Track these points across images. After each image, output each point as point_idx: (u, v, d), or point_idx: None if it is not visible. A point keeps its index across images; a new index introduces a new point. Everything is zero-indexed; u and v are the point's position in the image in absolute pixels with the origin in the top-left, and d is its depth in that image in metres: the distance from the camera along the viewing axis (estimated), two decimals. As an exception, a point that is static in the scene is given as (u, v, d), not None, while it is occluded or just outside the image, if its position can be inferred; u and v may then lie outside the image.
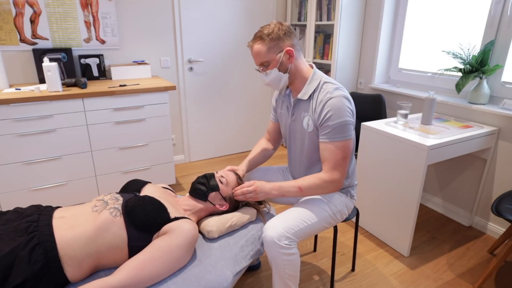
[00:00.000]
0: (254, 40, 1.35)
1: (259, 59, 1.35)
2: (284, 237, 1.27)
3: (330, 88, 1.34)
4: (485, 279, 1.71)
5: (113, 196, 1.25)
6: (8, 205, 2.18)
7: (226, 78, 3.31)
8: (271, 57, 1.33)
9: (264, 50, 1.32)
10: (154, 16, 2.79)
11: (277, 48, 1.32)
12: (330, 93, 1.32)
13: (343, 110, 1.29)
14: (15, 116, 2.04)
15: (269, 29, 1.31)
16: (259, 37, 1.32)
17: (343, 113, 1.29)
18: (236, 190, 1.39)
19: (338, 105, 1.29)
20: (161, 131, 2.54)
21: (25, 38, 2.40)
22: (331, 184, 1.33)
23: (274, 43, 1.31)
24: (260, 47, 1.32)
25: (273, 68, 1.35)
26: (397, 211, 1.98)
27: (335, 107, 1.29)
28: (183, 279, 1.13)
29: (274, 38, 1.31)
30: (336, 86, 1.35)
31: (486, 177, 2.19)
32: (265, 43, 1.31)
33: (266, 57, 1.33)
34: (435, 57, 2.51)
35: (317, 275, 1.86)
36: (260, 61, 1.35)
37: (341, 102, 1.29)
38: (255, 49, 1.34)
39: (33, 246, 1.02)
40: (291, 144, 1.56)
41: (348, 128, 1.31)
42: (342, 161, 1.32)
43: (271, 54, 1.33)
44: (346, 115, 1.30)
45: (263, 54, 1.33)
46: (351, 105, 1.33)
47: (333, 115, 1.29)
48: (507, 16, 2.02)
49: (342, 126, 1.30)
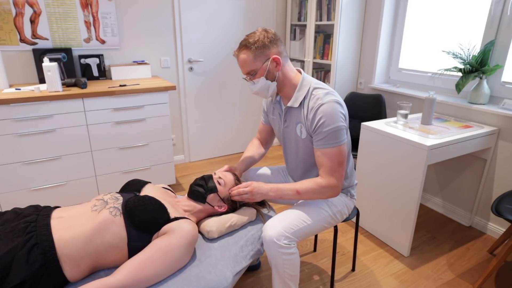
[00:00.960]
0: (239, 49, 1.32)
1: (245, 68, 1.32)
2: (283, 237, 1.27)
3: (320, 94, 1.32)
4: (485, 279, 1.71)
5: (113, 195, 1.25)
6: (8, 205, 2.18)
7: (226, 78, 3.31)
8: (258, 65, 1.31)
9: (250, 58, 1.29)
10: (154, 16, 2.79)
11: (263, 57, 1.30)
12: (321, 99, 1.30)
13: (335, 115, 1.28)
14: (15, 116, 2.04)
15: (254, 37, 1.29)
16: (244, 46, 1.30)
17: (335, 118, 1.27)
18: (232, 190, 1.39)
19: (330, 111, 1.27)
20: (161, 131, 2.54)
21: (25, 38, 2.40)
22: (328, 189, 1.32)
23: (260, 51, 1.29)
24: (245, 56, 1.30)
25: (260, 76, 1.32)
26: (397, 211, 1.98)
27: (327, 113, 1.27)
28: (183, 279, 1.13)
29: (260, 47, 1.28)
30: (326, 91, 1.33)
31: (486, 177, 2.19)
32: (251, 51, 1.28)
33: (252, 66, 1.31)
34: (435, 57, 2.51)
35: (317, 275, 1.85)
36: (247, 70, 1.32)
37: (332, 108, 1.28)
38: (241, 58, 1.32)
39: (31, 247, 1.02)
40: (286, 148, 1.56)
41: (341, 133, 1.29)
42: (338, 167, 1.31)
43: (257, 62, 1.30)
44: (339, 120, 1.28)
45: (249, 63, 1.30)
46: (343, 110, 1.31)
47: (325, 122, 1.28)
48: (507, 16, 2.02)
49: (336, 132, 1.28)
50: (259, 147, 1.69)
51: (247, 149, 1.68)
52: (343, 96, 3.01)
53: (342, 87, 3.00)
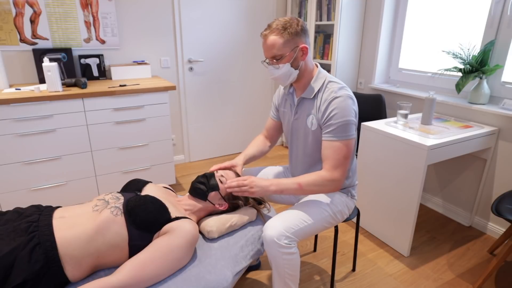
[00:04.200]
0: (270, 31, 1.28)
1: (272, 51, 1.30)
2: (283, 236, 1.27)
3: (334, 87, 1.34)
4: (485, 279, 1.71)
5: (114, 195, 1.25)
6: (8, 205, 2.17)
7: (226, 78, 3.31)
8: (286, 51, 1.29)
9: (280, 42, 1.28)
10: (154, 16, 2.79)
11: (293, 43, 1.29)
12: (335, 92, 1.32)
13: (348, 109, 1.30)
14: (15, 116, 2.04)
15: (287, 23, 1.27)
16: (276, 29, 1.27)
17: (347, 112, 1.29)
18: (232, 182, 1.34)
19: (342, 105, 1.30)
20: (161, 131, 2.54)
21: (25, 38, 2.40)
22: (332, 182, 1.32)
23: (291, 38, 1.28)
24: (276, 39, 1.27)
25: (286, 62, 1.31)
26: (397, 211, 1.98)
27: (340, 106, 1.30)
28: (183, 279, 1.13)
29: (292, 33, 1.27)
30: (341, 85, 1.35)
31: (486, 177, 2.19)
32: (283, 36, 1.27)
33: (280, 50, 1.29)
34: (435, 57, 2.51)
35: (317, 275, 1.86)
36: (274, 53, 1.30)
37: (345, 102, 1.30)
38: (270, 40, 1.28)
39: (33, 246, 1.02)
40: (293, 142, 1.56)
41: (351, 128, 1.31)
42: (344, 160, 1.32)
43: (286, 48, 1.29)
44: (350, 114, 1.30)
45: (278, 46, 1.28)
46: (355, 106, 1.34)
47: (337, 114, 1.30)
48: (507, 16, 2.02)
49: (346, 125, 1.30)
50: (264, 144, 1.68)
51: (250, 144, 1.67)
52: (343, 96, 3.01)
53: (342, 87, 3.00)
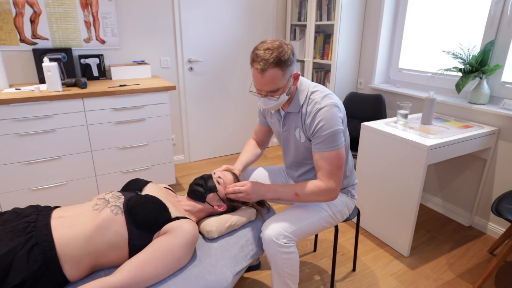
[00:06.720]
0: (266, 65, 1.17)
1: (272, 86, 1.22)
2: (282, 236, 1.27)
3: (317, 97, 1.30)
4: (485, 279, 1.71)
5: (114, 194, 1.25)
6: (8, 205, 2.17)
7: (226, 78, 3.31)
8: (284, 83, 1.23)
9: (280, 76, 1.20)
10: (154, 16, 2.79)
11: (289, 73, 1.24)
12: (319, 103, 1.29)
13: (334, 119, 1.27)
14: (15, 116, 2.04)
15: (281, 53, 1.18)
16: (273, 63, 1.17)
17: (334, 122, 1.27)
18: (228, 188, 1.39)
19: (327, 115, 1.26)
20: (161, 131, 2.54)
21: (25, 38, 2.40)
22: (327, 192, 1.31)
23: (288, 69, 1.22)
24: (276, 74, 1.19)
25: (283, 93, 1.26)
26: (397, 211, 1.98)
27: (325, 117, 1.26)
28: (183, 279, 1.13)
29: (288, 64, 1.21)
30: (323, 94, 1.31)
31: (486, 177, 2.19)
32: (281, 69, 1.19)
33: (280, 83, 1.22)
34: (435, 57, 2.51)
35: (317, 275, 1.85)
36: (273, 87, 1.22)
37: (330, 112, 1.27)
38: (269, 75, 1.19)
39: (31, 246, 1.02)
40: (285, 149, 1.55)
41: (339, 137, 1.29)
42: (337, 170, 1.30)
43: (284, 80, 1.23)
44: (337, 124, 1.27)
45: (278, 81, 1.21)
46: (341, 113, 1.30)
47: (324, 125, 1.27)
48: (507, 16, 2.02)
49: (334, 135, 1.27)
50: (255, 148, 1.68)
51: (244, 149, 1.67)
52: (343, 96, 3.01)
53: (342, 87, 3.00)
